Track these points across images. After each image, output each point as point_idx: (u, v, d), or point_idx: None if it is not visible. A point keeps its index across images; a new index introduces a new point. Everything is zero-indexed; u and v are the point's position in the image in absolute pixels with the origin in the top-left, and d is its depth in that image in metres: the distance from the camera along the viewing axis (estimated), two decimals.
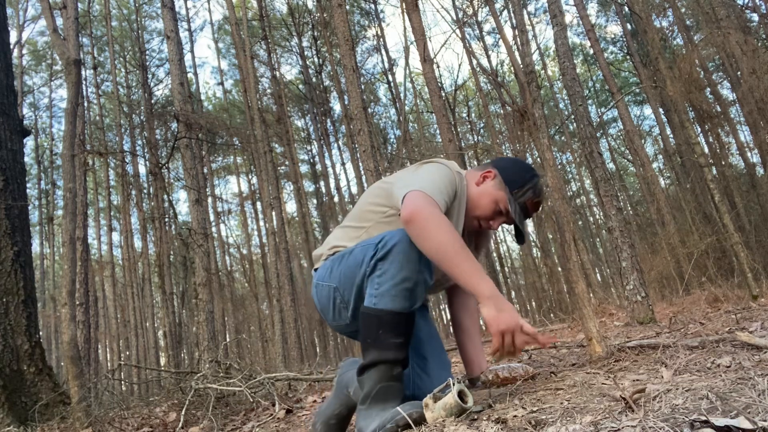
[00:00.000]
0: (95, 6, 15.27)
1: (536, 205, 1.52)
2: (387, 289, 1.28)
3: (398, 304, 1.28)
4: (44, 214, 18.97)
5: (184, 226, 11.95)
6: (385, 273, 1.28)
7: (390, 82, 17.98)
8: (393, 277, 1.27)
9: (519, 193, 1.48)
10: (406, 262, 1.27)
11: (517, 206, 1.47)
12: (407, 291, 1.28)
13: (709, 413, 0.88)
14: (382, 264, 1.29)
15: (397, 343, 1.29)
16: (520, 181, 1.49)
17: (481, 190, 1.52)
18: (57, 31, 3.54)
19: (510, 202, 1.46)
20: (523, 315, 19.43)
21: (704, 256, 7.64)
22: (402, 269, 1.27)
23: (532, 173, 1.52)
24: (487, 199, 1.50)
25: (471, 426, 1.15)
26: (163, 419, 2.56)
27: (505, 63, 16.72)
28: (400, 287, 1.27)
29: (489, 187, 1.51)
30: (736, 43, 7.04)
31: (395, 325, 1.29)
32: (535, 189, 1.50)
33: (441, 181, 1.40)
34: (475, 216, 1.52)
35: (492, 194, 1.50)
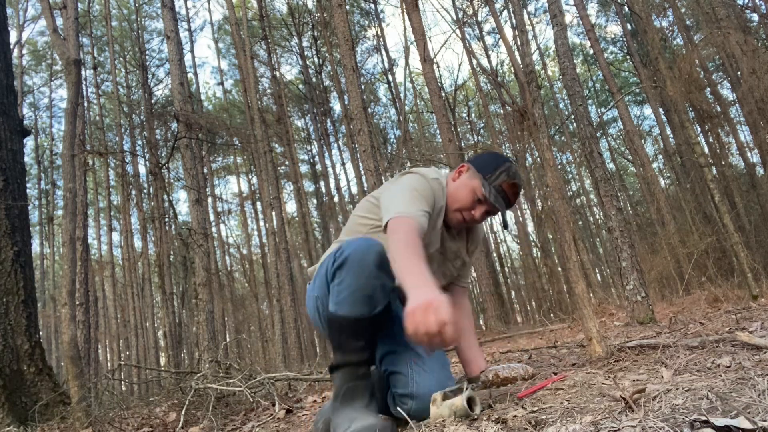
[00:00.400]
0: (95, 6, 15.27)
1: (513, 186, 1.54)
2: (345, 297, 1.32)
3: (357, 310, 1.32)
4: (44, 214, 18.97)
5: (184, 226, 11.95)
6: (342, 281, 1.33)
7: (390, 82, 17.99)
8: (349, 285, 1.32)
9: (492, 177, 1.52)
10: (360, 269, 1.31)
11: (493, 189, 1.51)
12: (365, 297, 1.32)
13: (709, 413, 0.88)
14: (340, 272, 1.34)
15: (359, 346, 1.35)
16: (491, 167, 1.54)
17: (457, 184, 1.58)
18: (57, 31, 3.54)
19: (484, 186, 1.51)
20: (523, 315, 19.44)
21: (704, 256, 7.64)
22: (357, 277, 1.31)
23: (503, 159, 1.57)
24: (464, 190, 1.55)
25: (471, 426, 1.15)
26: (163, 419, 2.56)
27: (505, 63, 16.73)
28: (357, 294, 1.31)
29: (464, 178, 1.58)
30: (736, 43, 7.04)
31: (356, 330, 1.35)
32: (509, 172, 1.53)
33: (418, 193, 1.45)
34: (456, 209, 1.57)
35: (467, 184, 1.56)
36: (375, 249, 1.33)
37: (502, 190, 1.52)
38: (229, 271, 18.99)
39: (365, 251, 1.32)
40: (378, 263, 1.31)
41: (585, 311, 1.96)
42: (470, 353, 1.74)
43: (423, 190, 1.47)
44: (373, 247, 1.33)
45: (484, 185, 1.52)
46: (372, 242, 1.35)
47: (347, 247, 1.35)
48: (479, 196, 1.53)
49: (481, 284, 10.67)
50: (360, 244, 1.34)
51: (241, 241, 22.07)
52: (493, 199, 1.50)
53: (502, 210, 1.53)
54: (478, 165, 1.57)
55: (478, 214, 1.55)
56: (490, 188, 1.51)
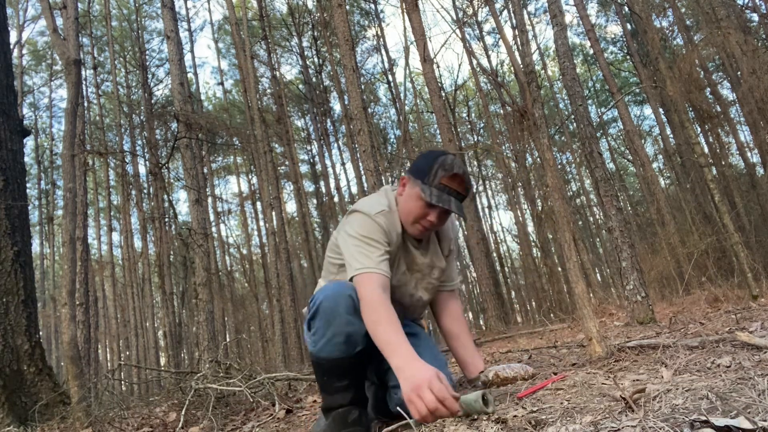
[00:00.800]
0: (95, 6, 15.26)
1: (454, 177, 1.48)
2: (323, 345, 1.38)
3: (335, 354, 1.38)
4: (44, 214, 18.97)
5: (184, 226, 11.95)
6: (317, 331, 1.39)
7: (390, 82, 17.99)
8: (324, 334, 1.38)
9: (429, 178, 1.48)
10: (332, 318, 1.36)
11: (434, 190, 1.47)
12: (340, 343, 1.37)
13: (709, 413, 0.88)
14: (314, 322, 1.40)
15: (342, 386, 1.40)
16: (426, 168, 1.50)
17: (404, 198, 1.56)
18: (57, 31, 3.54)
19: (424, 191, 1.47)
20: (523, 315, 19.44)
21: (704, 256, 7.64)
22: (330, 326, 1.36)
23: (436, 154, 1.53)
24: (411, 201, 1.52)
25: (471, 426, 1.15)
26: (163, 419, 2.56)
27: (505, 63, 16.73)
28: (332, 342, 1.37)
29: (408, 190, 1.55)
30: (736, 43, 7.04)
31: (336, 370, 1.40)
32: (444, 165, 1.48)
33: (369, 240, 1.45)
34: (412, 221, 1.53)
35: (411, 194, 1.52)
36: (345, 295, 1.38)
37: (444, 186, 1.48)
38: (229, 271, 18.99)
39: (336, 299, 1.37)
40: (349, 310, 1.36)
41: (585, 311, 1.96)
42: (466, 355, 1.74)
43: (372, 232, 1.46)
44: (342, 294, 1.38)
45: (423, 190, 1.48)
46: (341, 289, 1.40)
47: (319, 295, 1.41)
48: (425, 202, 1.49)
49: (481, 284, 10.67)
50: (329, 293, 1.39)
51: (241, 241, 22.08)
52: (436, 201, 1.46)
53: (451, 206, 1.47)
54: (415, 171, 1.54)
55: (434, 218, 1.51)
56: (431, 190, 1.47)
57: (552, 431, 1.00)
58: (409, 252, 1.60)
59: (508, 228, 25.45)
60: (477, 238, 10.41)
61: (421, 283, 1.65)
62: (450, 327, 1.76)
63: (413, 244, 1.61)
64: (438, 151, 1.55)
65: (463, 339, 1.77)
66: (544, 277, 13.18)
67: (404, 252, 1.59)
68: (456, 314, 1.78)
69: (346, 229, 1.51)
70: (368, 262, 1.40)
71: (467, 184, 1.52)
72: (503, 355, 3.33)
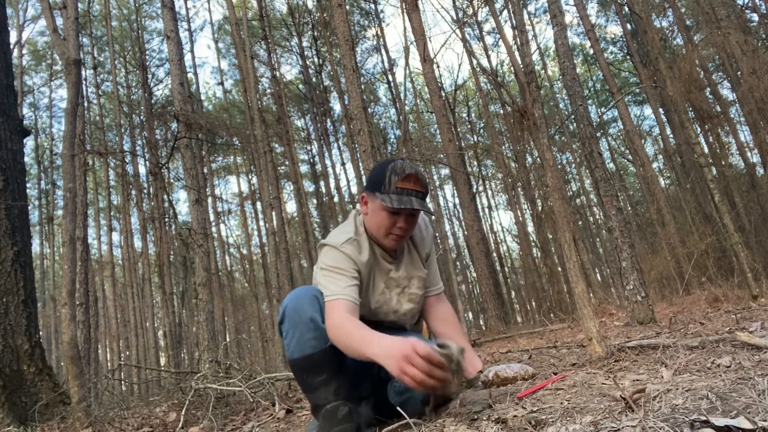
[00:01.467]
0: (95, 6, 15.26)
1: (408, 178, 1.49)
2: (294, 346, 1.45)
3: (307, 350, 1.43)
4: (44, 214, 18.97)
5: (184, 226, 11.96)
6: (287, 333, 1.46)
7: (390, 82, 17.98)
8: (293, 336, 1.44)
9: (384, 186, 1.49)
10: (298, 317, 1.44)
11: (392, 196, 1.48)
12: (310, 339, 1.43)
13: (709, 413, 0.88)
14: (283, 326, 1.48)
15: (322, 380, 1.43)
16: (379, 178, 1.51)
17: (368, 215, 1.58)
18: (57, 31, 3.54)
19: (384, 199, 1.48)
20: (523, 315, 19.44)
21: (704, 256, 7.63)
22: (297, 325, 1.44)
23: (385, 163, 1.54)
24: (375, 215, 1.54)
25: (471, 426, 1.15)
26: (163, 419, 2.56)
27: (505, 63, 16.72)
28: (303, 339, 1.43)
29: (370, 206, 1.57)
30: (736, 43, 7.03)
31: (313, 367, 1.44)
32: (395, 170, 1.49)
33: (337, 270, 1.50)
34: (384, 234, 1.54)
35: (373, 208, 1.55)
36: (309, 295, 1.47)
37: (401, 189, 1.48)
38: (229, 271, 18.99)
39: (299, 299, 1.46)
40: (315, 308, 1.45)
41: (585, 311, 1.96)
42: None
43: (339, 262, 1.51)
44: (306, 294, 1.48)
45: (383, 199, 1.48)
46: (305, 290, 1.49)
47: (285, 300, 1.49)
48: (386, 209, 1.50)
49: (481, 284, 10.67)
50: (293, 296, 1.49)
51: (241, 241, 22.08)
52: (397, 204, 1.46)
53: (413, 204, 1.47)
54: (370, 185, 1.55)
55: (403, 223, 1.52)
56: (390, 197, 1.48)
57: (552, 431, 1.00)
58: (383, 269, 1.62)
59: (508, 228, 25.44)
60: (477, 238, 10.41)
61: (403, 296, 1.66)
62: (441, 330, 1.76)
63: (387, 260, 1.62)
64: (387, 160, 1.58)
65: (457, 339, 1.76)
66: (544, 277, 13.18)
67: (379, 271, 1.61)
68: (444, 316, 1.77)
69: (319, 263, 1.56)
70: (336, 289, 1.45)
71: (423, 181, 1.52)
72: (503, 355, 3.33)
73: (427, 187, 1.56)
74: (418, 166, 1.71)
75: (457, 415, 1.30)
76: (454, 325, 1.77)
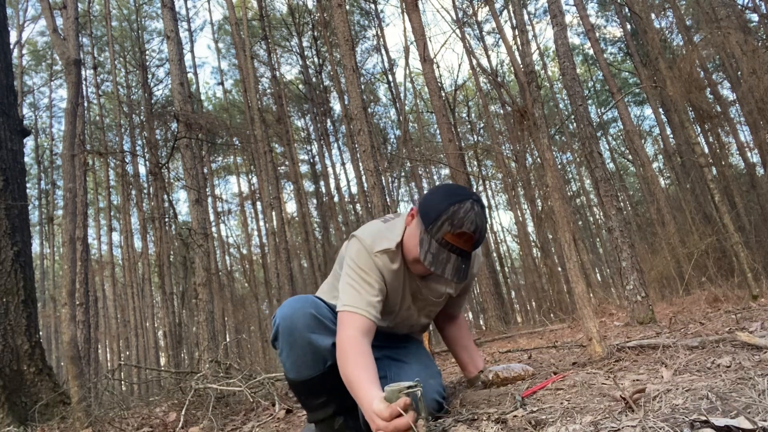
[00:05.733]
0: (95, 6, 15.26)
1: (460, 237, 1.26)
2: (290, 365, 1.34)
3: (304, 374, 1.34)
4: (44, 214, 18.96)
5: (184, 226, 11.95)
6: (282, 351, 1.34)
7: (390, 82, 17.98)
8: (288, 355, 1.33)
9: (433, 229, 1.27)
10: (293, 339, 1.30)
11: (433, 244, 1.27)
12: (309, 362, 1.33)
13: (709, 413, 0.88)
14: (278, 343, 1.35)
15: (321, 403, 1.37)
16: (433, 215, 1.27)
17: (409, 232, 1.37)
18: (57, 31, 3.54)
19: (422, 243, 1.28)
20: (523, 315, 19.44)
21: (704, 256, 7.63)
22: (293, 347, 1.32)
23: (450, 201, 1.28)
24: (411, 241, 1.35)
25: (471, 426, 1.15)
26: (163, 419, 2.56)
27: (505, 63, 16.71)
28: (300, 362, 1.33)
29: (413, 227, 1.36)
30: (736, 43, 7.03)
31: (312, 389, 1.36)
32: (453, 220, 1.25)
33: (365, 277, 1.33)
34: (412, 261, 1.36)
35: (413, 234, 1.35)
36: (304, 312, 1.31)
37: (446, 242, 1.26)
38: (229, 271, 18.98)
39: (293, 318, 1.31)
40: (310, 327, 1.31)
41: (585, 311, 1.95)
42: (466, 356, 1.76)
43: (369, 268, 1.33)
44: (301, 311, 1.32)
45: (423, 241, 1.28)
46: (300, 305, 1.33)
47: (277, 314, 1.34)
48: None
49: (481, 284, 10.66)
50: (286, 312, 1.32)
51: (241, 241, 22.07)
52: (429, 263, 1.25)
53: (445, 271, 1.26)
54: (423, 211, 1.32)
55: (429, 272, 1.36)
56: (430, 244, 1.27)
57: (552, 431, 1.00)
58: (414, 281, 1.47)
59: (508, 228, 25.44)
60: None
61: (423, 310, 1.58)
62: (449, 331, 1.78)
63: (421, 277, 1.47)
64: (455, 194, 1.30)
65: (462, 341, 1.78)
66: (544, 277, 13.17)
67: (410, 282, 1.46)
68: (456, 320, 1.79)
69: (348, 257, 1.39)
70: (357, 302, 1.29)
71: (477, 241, 1.29)
72: (503, 355, 3.33)
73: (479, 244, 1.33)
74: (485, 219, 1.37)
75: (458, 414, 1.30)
76: (461, 328, 1.80)
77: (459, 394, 1.61)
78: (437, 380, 1.46)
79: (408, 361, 1.52)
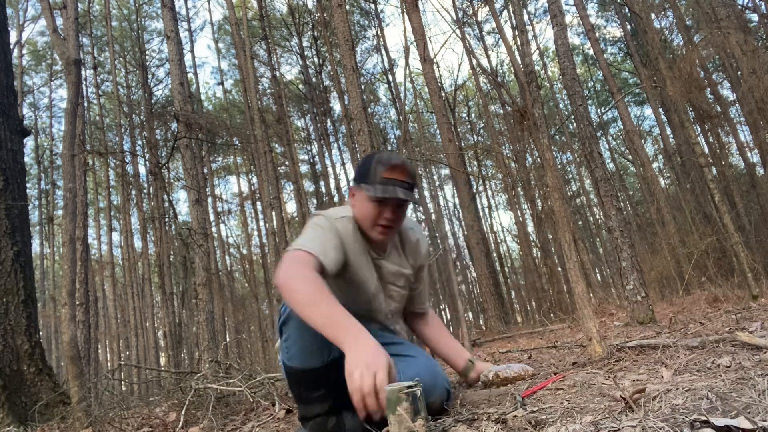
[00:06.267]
0: (95, 6, 15.26)
1: (393, 168, 1.50)
2: (295, 352, 1.34)
3: (308, 363, 1.33)
4: (44, 214, 18.96)
5: (184, 226, 11.95)
6: (289, 337, 1.35)
7: (390, 82, 17.98)
8: (296, 341, 1.33)
9: (371, 177, 1.50)
10: (305, 326, 1.27)
11: (378, 186, 1.49)
12: (314, 350, 1.32)
13: (709, 413, 0.88)
14: (286, 328, 1.35)
15: (318, 396, 1.35)
16: (365, 169, 1.53)
17: (356, 207, 1.57)
18: (57, 31, 3.54)
19: (369, 189, 1.49)
20: (523, 315, 19.43)
21: (704, 256, 7.63)
22: (302, 332, 1.29)
23: (371, 155, 1.56)
24: (362, 205, 1.53)
25: (471, 426, 1.15)
26: (163, 419, 2.56)
27: (505, 63, 16.71)
28: (306, 349, 1.32)
29: (357, 198, 1.57)
30: (736, 43, 7.03)
31: (312, 380, 1.35)
32: (381, 161, 1.51)
33: (322, 230, 1.47)
34: (371, 225, 1.53)
35: (360, 198, 1.55)
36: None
37: (386, 179, 1.49)
38: (229, 271, 18.98)
39: None
40: None
41: (585, 311, 1.96)
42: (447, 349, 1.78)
43: (326, 227, 1.48)
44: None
45: (368, 189, 1.49)
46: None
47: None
48: (375, 201, 1.50)
49: (481, 284, 10.67)
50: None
51: (241, 241, 22.07)
52: (381, 193, 1.47)
53: (397, 194, 1.47)
54: (358, 177, 1.57)
55: (389, 214, 1.51)
56: (375, 187, 1.49)
57: (552, 431, 1.00)
58: (373, 262, 1.60)
59: (508, 228, 25.44)
60: (477, 238, 10.41)
61: (387, 291, 1.65)
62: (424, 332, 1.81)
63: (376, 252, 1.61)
64: (373, 152, 1.61)
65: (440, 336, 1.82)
66: (544, 277, 13.17)
67: (369, 261, 1.59)
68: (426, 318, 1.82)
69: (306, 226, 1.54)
70: (314, 246, 1.36)
71: (410, 171, 1.52)
72: (503, 355, 3.33)
73: (415, 177, 1.56)
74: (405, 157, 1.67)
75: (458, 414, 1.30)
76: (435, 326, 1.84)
77: (459, 394, 1.61)
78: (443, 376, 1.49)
79: (414, 355, 1.54)
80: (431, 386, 1.36)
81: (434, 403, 1.38)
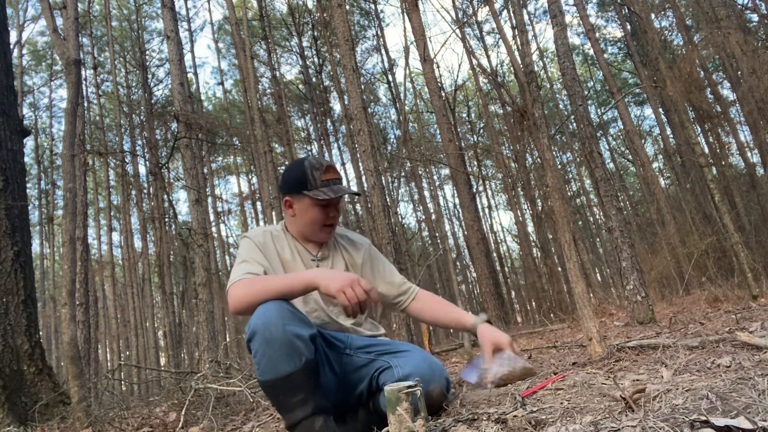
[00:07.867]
0: (95, 6, 15.26)
1: (329, 170, 1.57)
2: (265, 364, 1.34)
3: (281, 370, 1.33)
4: (44, 214, 18.96)
5: (184, 226, 11.95)
6: (257, 351, 1.35)
7: (390, 82, 17.97)
8: (264, 353, 1.33)
9: (311, 183, 1.55)
10: (269, 332, 1.32)
11: (323, 190, 1.55)
12: (284, 356, 1.32)
13: (709, 413, 0.88)
14: (253, 344, 1.37)
15: (298, 400, 1.34)
16: (301, 177, 1.57)
17: (297, 215, 1.62)
18: (57, 31, 3.54)
19: (314, 195, 1.55)
20: (523, 315, 19.44)
21: (704, 256, 7.63)
22: (269, 342, 1.32)
23: (298, 164, 1.61)
24: (306, 213, 1.59)
25: (471, 426, 1.15)
26: (163, 419, 2.56)
27: (505, 63, 16.70)
28: (274, 357, 1.32)
29: (296, 207, 1.61)
30: (736, 43, 7.03)
31: (287, 386, 1.34)
32: (314, 166, 1.57)
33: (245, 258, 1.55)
34: (319, 228, 1.60)
35: (302, 206, 1.59)
36: (280, 307, 1.36)
37: (326, 181, 1.56)
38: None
39: (267, 314, 1.35)
40: (286, 319, 1.33)
41: (585, 311, 1.96)
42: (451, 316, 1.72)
43: (249, 251, 1.57)
44: (276, 307, 1.36)
45: (316, 194, 1.54)
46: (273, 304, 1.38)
47: (253, 317, 1.39)
48: (317, 205, 1.56)
49: (481, 284, 10.66)
50: (261, 311, 1.37)
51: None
52: (333, 194, 1.54)
53: (343, 191, 1.57)
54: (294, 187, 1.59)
55: (334, 212, 1.59)
56: (321, 191, 1.55)
57: (552, 431, 1.00)
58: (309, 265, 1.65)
59: (508, 228, 25.43)
60: (477, 238, 10.41)
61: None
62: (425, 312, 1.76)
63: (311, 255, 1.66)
64: (296, 160, 1.64)
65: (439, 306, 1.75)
66: (544, 277, 13.17)
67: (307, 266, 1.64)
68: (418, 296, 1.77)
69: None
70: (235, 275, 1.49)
71: (336, 169, 1.62)
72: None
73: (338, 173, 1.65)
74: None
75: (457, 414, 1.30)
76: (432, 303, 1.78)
77: (459, 394, 1.61)
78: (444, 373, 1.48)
79: (408, 350, 1.53)
80: (429, 374, 1.39)
81: (434, 390, 1.38)
